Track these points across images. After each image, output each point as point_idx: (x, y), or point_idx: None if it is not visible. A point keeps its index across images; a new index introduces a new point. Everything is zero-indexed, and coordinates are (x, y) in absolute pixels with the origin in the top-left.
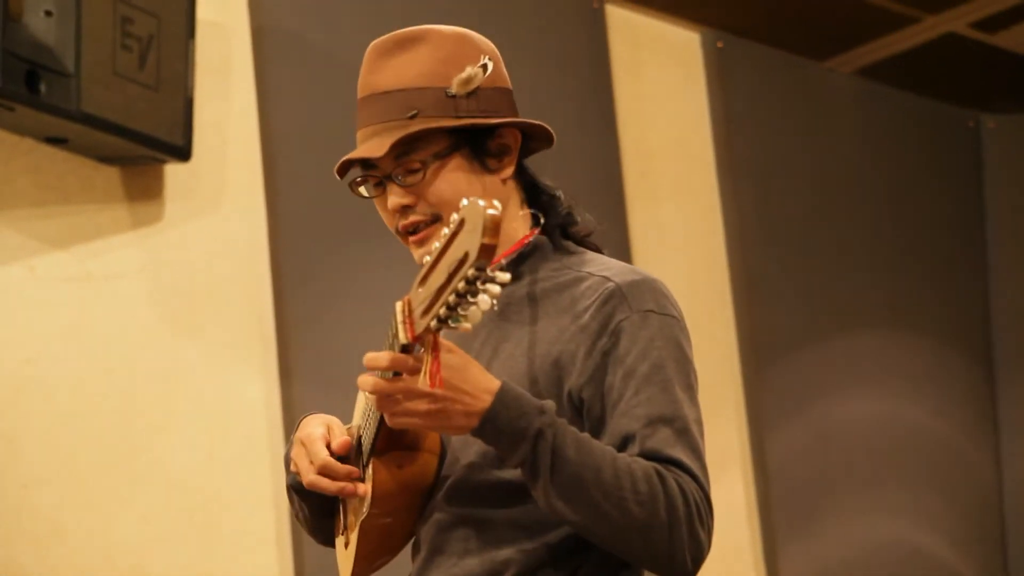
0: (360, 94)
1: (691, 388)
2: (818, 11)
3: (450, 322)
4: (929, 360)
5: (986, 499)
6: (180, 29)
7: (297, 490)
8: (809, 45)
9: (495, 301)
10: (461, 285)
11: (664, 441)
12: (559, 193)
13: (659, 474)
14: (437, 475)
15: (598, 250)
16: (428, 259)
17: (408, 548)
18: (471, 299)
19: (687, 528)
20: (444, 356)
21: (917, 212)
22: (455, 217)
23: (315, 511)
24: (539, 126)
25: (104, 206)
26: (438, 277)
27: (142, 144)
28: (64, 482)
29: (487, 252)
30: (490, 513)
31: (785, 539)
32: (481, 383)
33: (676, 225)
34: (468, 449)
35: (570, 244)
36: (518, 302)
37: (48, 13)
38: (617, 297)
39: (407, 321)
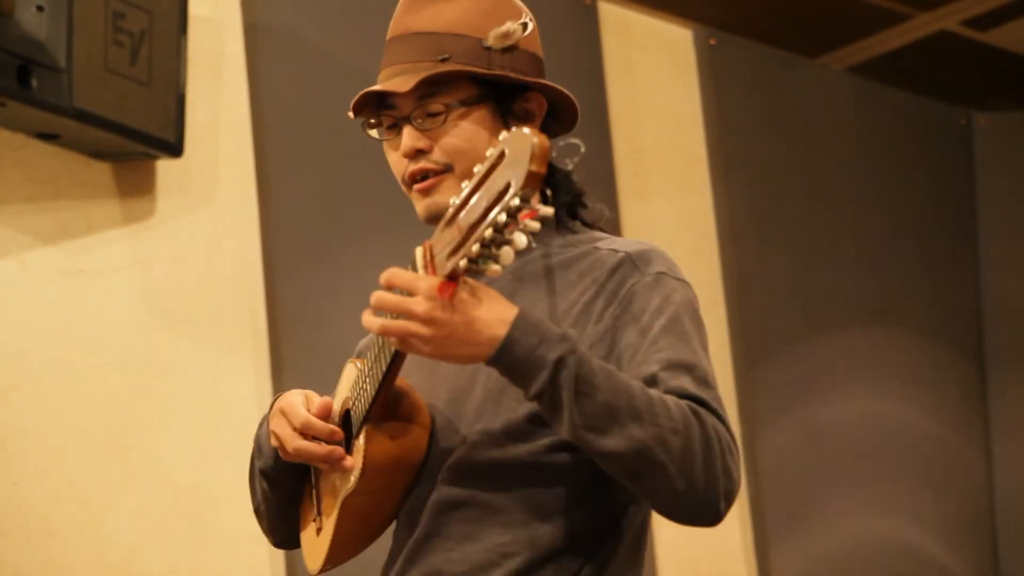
0: (391, 34)
1: (706, 348)
2: (810, 8)
3: (479, 262)
4: (921, 358)
5: (977, 496)
6: (172, 24)
7: (267, 475)
8: (801, 42)
9: (531, 239)
10: (501, 218)
11: (686, 383)
12: (573, 176)
13: (692, 408)
14: (427, 453)
15: (601, 230)
16: (455, 200)
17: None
18: (507, 235)
19: (721, 462)
20: (464, 280)
21: (909, 209)
22: (492, 152)
23: (284, 497)
24: (568, 99)
25: (96, 202)
26: (470, 214)
27: (134, 140)
28: (55, 479)
29: (534, 180)
30: (493, 496)
31: (777, 536)
32: (497, 310)
33: (668, 222)
34: (472, 425)
35: (577, 224)
36: (531, 276)
37: (40, 8)
38: (627, 265)
39: (428, 266)
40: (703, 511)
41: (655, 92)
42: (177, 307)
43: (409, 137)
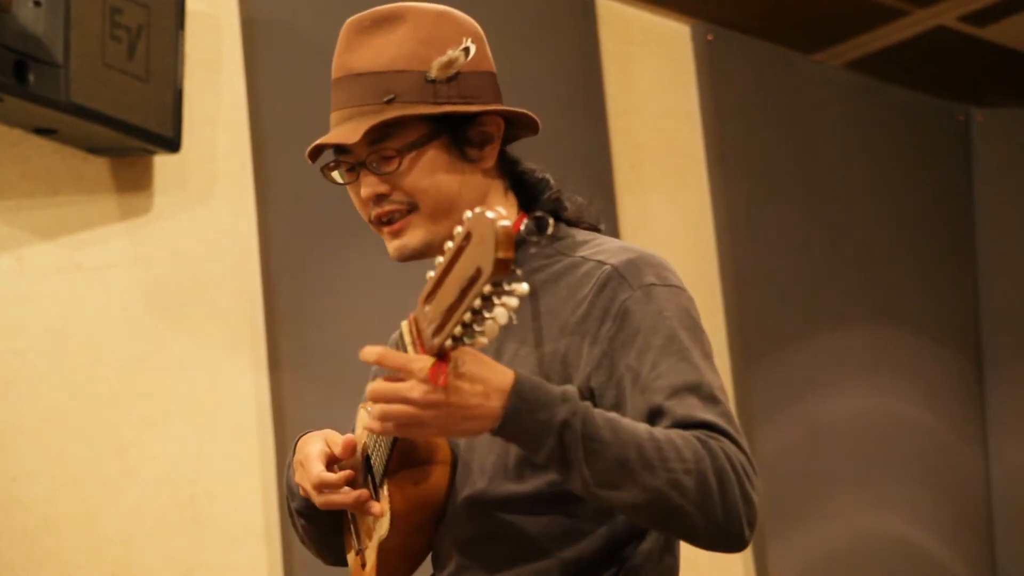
0: (335, 75)
1: (708, 357)
2: (808, 4)
3: (465, 339)
4: (918, 355)
5: (974, 493)
6: (170, 20)
7: (303, 514)
8: (799, 38)
9: (514, 315)
10: (477, 303)
11: (693, 407)
12: (547, 176)
13: (700, 440)
14: (450, 485)
15: (594, 227)
16: (431, 274)
17: None
18: (487, 314)
19: (739, 490)
20: (455, 356)
21: (907, 206)
22: (459, 230)
23: (325, 529)
24: (522, 114)
25: (93, 197)
26: (446, 295)
27: (131, 135)
28: (53, 475)
29: (503, 267)
30: (519, 527)
31: (774, 533)
32: (494, 381)
33: (666, 218)
34: (485, 458)
35: (560, 226)
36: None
37: (37, 3)
38: (615, 279)
39: (416, 342)
40: (727, 541)
41: (653, 88)
42: (175, 303)
43: (368, 184)
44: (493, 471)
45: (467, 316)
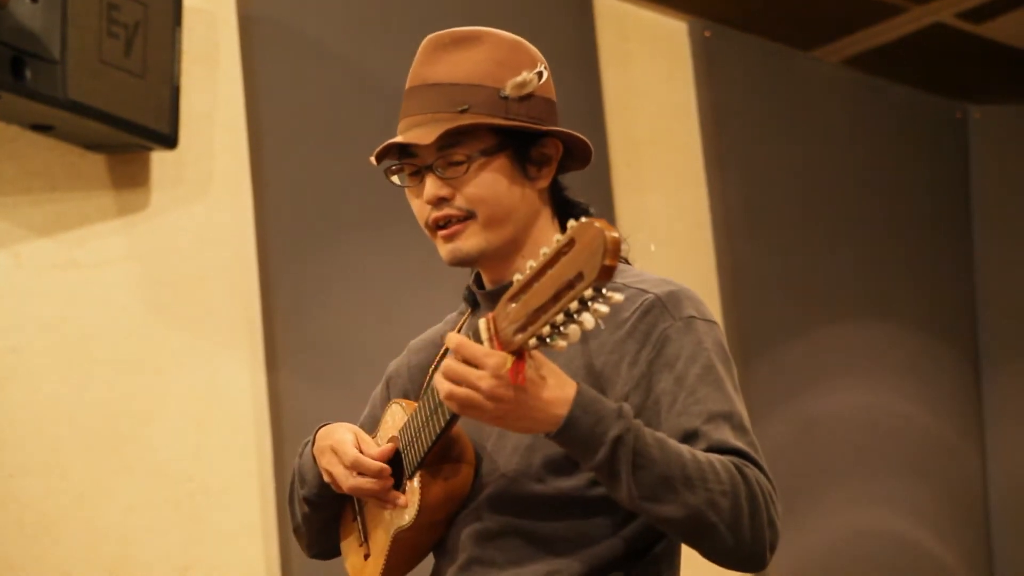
0: (409, 84)
1: (738, 389)
2: (805, 1)
3: (548, 340)
4: (915, 351)
5: (971, 489)
6: (167, 16)
7: (312, 502)
8: (796, 35)
9: (601, 321)
10: (574, 305)
11: (726, 434)
12: (592, 209)
13: (735, 465)
14: (472, 485)
15: (626, 261)
16: (519, 277)
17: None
18: (577, 318)
19: (766, 516)
20: (531, 359)
21: (904, 203)
22: (559, 237)
23: (327, 520)
24: (582, 141)
25: (90, 194)
26: (537, 296)
27: (128, 132)
28: (50, 472)
29: (607, 273)
30: (535, 525)
31: None
32: (561, 390)
33: (663, 215)
34: (509, 459)
35: None
36: None
37: (34, 0)
38: (658, 307)
39: (493, 339)
40: (751, 562)
41: (650, 84)
42: (172, 299)
43: (432, 186)
44: (516, 471)
45: (560, 318)
